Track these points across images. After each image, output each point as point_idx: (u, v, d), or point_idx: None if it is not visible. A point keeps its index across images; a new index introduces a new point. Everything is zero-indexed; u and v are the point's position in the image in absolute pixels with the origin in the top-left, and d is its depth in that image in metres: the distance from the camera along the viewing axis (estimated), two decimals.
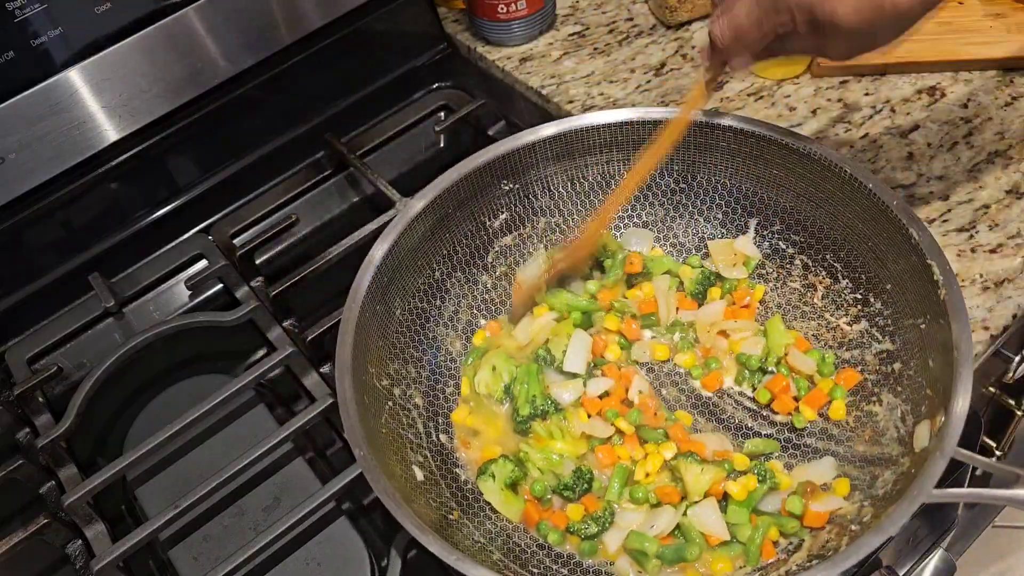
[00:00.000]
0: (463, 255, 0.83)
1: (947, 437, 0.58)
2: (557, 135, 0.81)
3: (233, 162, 1.03)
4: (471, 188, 0.81)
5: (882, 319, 0.73)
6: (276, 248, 0.98)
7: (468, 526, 0.69)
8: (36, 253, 0.95)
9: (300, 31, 1.00)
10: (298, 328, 0.87)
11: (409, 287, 0.79)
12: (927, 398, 0.65)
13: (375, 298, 0.74)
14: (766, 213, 0.81)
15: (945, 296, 0.64)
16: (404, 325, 0.78)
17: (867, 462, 0.69)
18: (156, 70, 0.92)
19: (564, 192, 0.85)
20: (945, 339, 0.63)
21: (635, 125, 0.80)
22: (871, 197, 0.71)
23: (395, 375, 0.76)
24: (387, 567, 0.68)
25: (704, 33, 1.06)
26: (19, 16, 0.81)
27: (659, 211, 0.86)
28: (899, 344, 0.71)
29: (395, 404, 0.74)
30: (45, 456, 0.78)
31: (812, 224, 0.78)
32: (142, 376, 0.87)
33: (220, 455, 0.76)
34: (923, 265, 0.67)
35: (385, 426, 0.71)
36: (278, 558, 0.70)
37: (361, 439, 0.65)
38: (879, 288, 0.73)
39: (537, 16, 1.08)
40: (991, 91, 0.94)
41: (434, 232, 0.80)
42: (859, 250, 0.75)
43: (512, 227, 0.85)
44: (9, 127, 0.85)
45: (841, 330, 0.77)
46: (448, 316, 0.82)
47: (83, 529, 0.74)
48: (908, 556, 0.75)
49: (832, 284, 0.78)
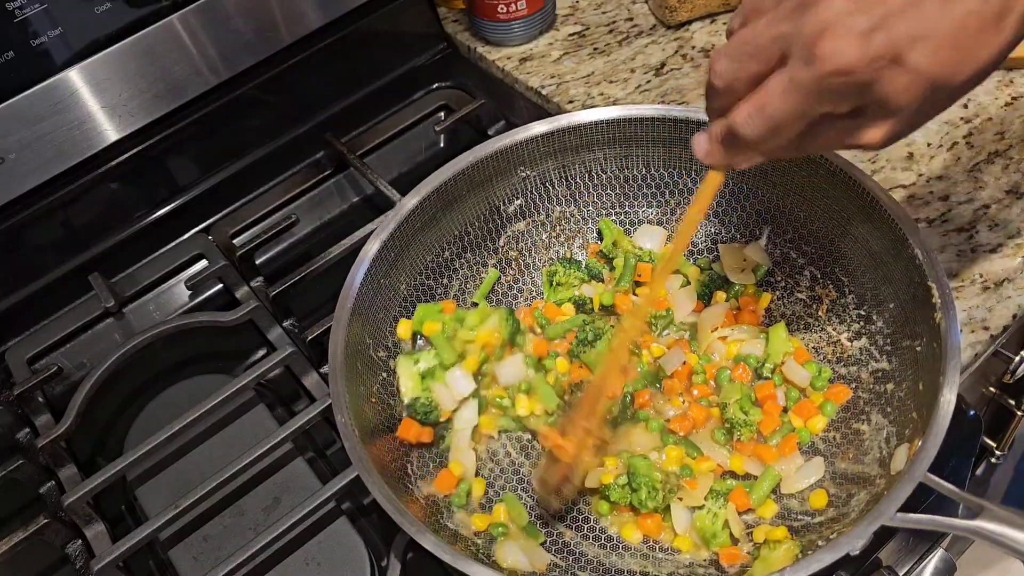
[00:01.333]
0: (475, 236, 0.84)
1: (919, 462, 0.58)
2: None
3: (233, 162, 1.03)
4: (487, 172, 0.81)
5: (882, 338, 0.73)
6: (276, 248, 0.98)
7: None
8: (36, 253, 0.95)
9: (300, 31, 1.00)
10: (298, 328, 0.87)
11: (418, 263, 0.80)
12: (912, 421, 0.64)
13: (380, 271, 0.76)
14: (780, 221, 0.80)
15: (940, 320, 0.64)
16: (409, 300, 0.80)
17: (847, 479, 0.68)
18: (156, 70, 0.92)
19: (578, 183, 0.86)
20: (935, 363, 0.63)
21: (629, 123, 0.80)
22: (881, 213, 0.70)
23: (393, 348, 0.77)
24: (387, 567, 0.68)
25: (704, 34, 1.06)
26: (19, 16, 0.81)
27: (676, 210, 0.85)
28: (895, 364, 0.71)
29: (389, 375, 0.76)
30: (45, 456, 0.78)
31: (824, 236, 0.77)
32: (142, 376, 0.87)
33: (220, 455, 0.77)
34: (924, 287, 0.66)
35: (375, 395, 0.73)
36: (278, 558, 0.70)
37: (345, 406, 0.67)
38: (883, 306, 0.73)
39: (537, 16, 1.08)
40: (991, 91, 0.94)
41: (445, 213, 0.81)
42: (867, 266, 0.74)
43: (526, 214, 0.86)
44: (9, 127, 0.85)
45: (842, 345, 0.76)
46: (453, 296, 0.83)
47: (83, 529, 0.74)
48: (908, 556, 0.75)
49: (839, 298, 0.77)
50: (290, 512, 0.69)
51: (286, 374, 0.82)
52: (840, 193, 0.74)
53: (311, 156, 1.02)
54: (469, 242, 0.84)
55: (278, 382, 0.84)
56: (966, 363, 0.76)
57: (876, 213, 0.71)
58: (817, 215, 0.77)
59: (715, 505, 0.68)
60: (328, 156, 1.02)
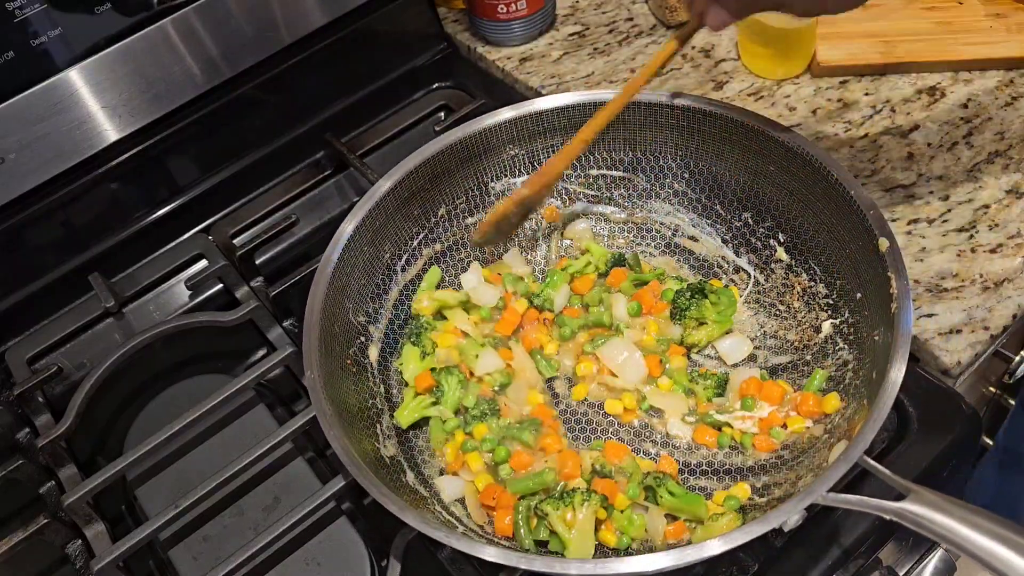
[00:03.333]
0: (463, 207, 0.86)
1: (857, 445, 0.58)
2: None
3: (233, 162, 1.03)
4: (476, 147, 0.85)
5: (847, 327, 0.73)
6: (276, 248, 0.98)
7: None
8: (36, 253, 0.95)
9: (300, 31, 1.00)
10: (298, 328, 0.87)
11: (402, 233, 0.83)
12: (863, 408, 0.65)
13: (363, 239, 0.79)
14: (759, 209, 0.81)
15: (895, 310, 0.65)
16: (392, 269, 0.83)
17: (798, 463, 0.70)
18: (156, 70, 0.92)
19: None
20: (887, 353, 0.64)
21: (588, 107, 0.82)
22: (851, 204, 0.71)
23: (372, 314, 0.80)
24: (387, 567, 0.68)
25: (704, 33, 1.06)
26: (19, 16, 0.81)
27: (665, 205, 0.86)
28: (855, 354, 0.71)
29: (367, 340, 0.79)
30: (45, 456, 0.78)
31: (800, 225, 0.78)
32: (142, 376, 0.87)
33: (220, 455, 0.77)
34: (884, 277, 0.67)
35: (352, 357, 0.76)
36: (278, 558, 0.70)
37: (316, 363, 0.69)
38: (850, 296, 0.73)
39: (537, 16, 1.08)
40: (991, 91, 0.94)
41: (433, 184, 0.84)
42: (838, 256, 0.75)
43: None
44: (9, 127, 0.85)
45: (808, 333, 0.77)
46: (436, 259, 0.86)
47: (83, 529, 0.74)
48: (908, 556, 0.75)
49: (811, 286, 0.78)
50: (290, 512, 0.69)
51: (286, 374, 0.82)
52: (815, 184, 0.75)
53: (311, 156, 1.02)
54: (456, 214, 0.87)
55: (278, 382, 0.84)
56: (966, 363, 0.76)
57: (847, 204, 0.72)
58: (794, 203, 0.78)
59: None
60: (328, 156, 1.02)
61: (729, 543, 0.56)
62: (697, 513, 0.68)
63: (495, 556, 0.58)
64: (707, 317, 0.79)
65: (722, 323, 0.79)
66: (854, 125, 0.93)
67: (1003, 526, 0.52)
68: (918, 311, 0.78)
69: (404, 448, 0.76)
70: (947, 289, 0.79)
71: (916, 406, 0.73)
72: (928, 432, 0.72)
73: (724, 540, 0.56)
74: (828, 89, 0.98)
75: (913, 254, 0.82)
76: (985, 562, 0.51)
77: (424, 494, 0.71)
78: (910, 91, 0.96)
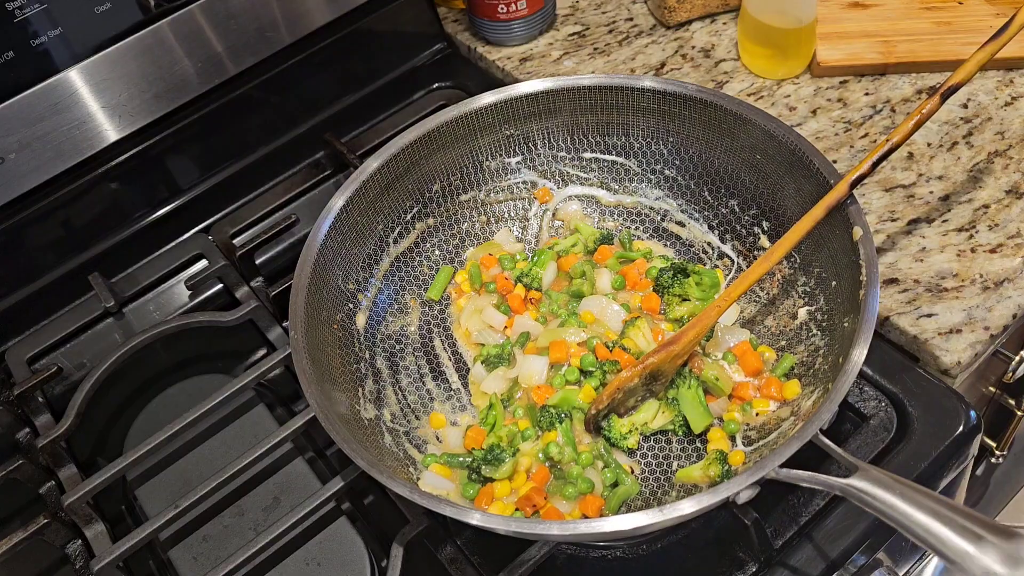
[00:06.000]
0: (456, 184, 0.87)
1: (810, 424, 0.59)
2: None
3: (233, 162, 1.03)
4: (472, 126, 0.85)
5: (821, 314, 0.74)
6: (276, 248, 0.98)
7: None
8: (36, 253, 0.95)
9: (300, 31, 1.00)
10: None
11: (396, 206, 0.84)
12: (827, 392, 0.66)
13: (356, 211, 0.80)
14: (745, 197, 0.82)
15: (863, 296, 0.66)
16: (384, 240, 0.84)
17: (762, 439, 0.71)
18: (156, 70, 0.92)
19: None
20: (852, 338, 0.64)
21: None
22: (829, 190, 0.71)
23: (362, 282, 0.81)
24: (387, 567, 0.68)
25: (704, 33, 1.06)
26: (19, 16, 0.81)
27: (655, 191, 0.87)
28: (827, 340, 0.72)
29: (355, 307, 0.80)
30: (45, 456, 0.78)
31: (783, 213, 0.79)
32: (142, 376, 0.87)
33: (220, 455, 0.77)
34: (856, 264, 0.68)
35: (339, 322, 0.77)
36: (278, 558, 0.70)
37: (301, 324, 0.70)
38: (827, 283, 0.74)
39: (537, 16, 1.08)
40: (991, 91, 0.94)
41: (427, 160, 0.85)
42: (817, 244, 0.75)
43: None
44: (9, 127, 0.85)
45: (785, 320, 0.78)
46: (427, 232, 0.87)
47: (83, 529, 0.74)
48: (908, 556, 0.75)
49: (790, 274, 0.78)
50: (290, 512, 0.69)
51: (286, 374, 0.82)
52: (797, 172, 0.75)
53: (311, 156, 1.02)
54: (451, 190, 0.87)
55: (278, 382, 0.84)
56: (966, 363, 0.76)
57: (819, 183, 0.72)
58: (777, 191, 0.79)
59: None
60: (328, 156, 1.02)
61: (674, 511, 0.57)
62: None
63: (480, 520, 0.59)
64: (690, 295, 0.80)
65: (705, 300, 0.80)
66: (854, 125, 0.93)
67: (941, 504, 0.53)
68: (918, 311, 0.78)
69: (386, 414, 0.77)
70: (947, 289, 0.79)
71: (916, 406, 0.73)
72: (928, 432, 0.72)
73: (665, 510, 0.57)
74: (828, 89, 0.98)
75: (913, 254, 0.82)
76: (921, 538, 0.52)
77: (402, 458, 0.73)
78: (910, 91, 0.96)
